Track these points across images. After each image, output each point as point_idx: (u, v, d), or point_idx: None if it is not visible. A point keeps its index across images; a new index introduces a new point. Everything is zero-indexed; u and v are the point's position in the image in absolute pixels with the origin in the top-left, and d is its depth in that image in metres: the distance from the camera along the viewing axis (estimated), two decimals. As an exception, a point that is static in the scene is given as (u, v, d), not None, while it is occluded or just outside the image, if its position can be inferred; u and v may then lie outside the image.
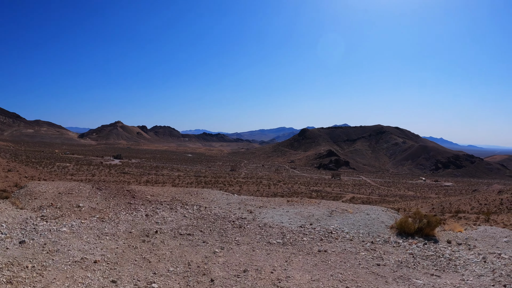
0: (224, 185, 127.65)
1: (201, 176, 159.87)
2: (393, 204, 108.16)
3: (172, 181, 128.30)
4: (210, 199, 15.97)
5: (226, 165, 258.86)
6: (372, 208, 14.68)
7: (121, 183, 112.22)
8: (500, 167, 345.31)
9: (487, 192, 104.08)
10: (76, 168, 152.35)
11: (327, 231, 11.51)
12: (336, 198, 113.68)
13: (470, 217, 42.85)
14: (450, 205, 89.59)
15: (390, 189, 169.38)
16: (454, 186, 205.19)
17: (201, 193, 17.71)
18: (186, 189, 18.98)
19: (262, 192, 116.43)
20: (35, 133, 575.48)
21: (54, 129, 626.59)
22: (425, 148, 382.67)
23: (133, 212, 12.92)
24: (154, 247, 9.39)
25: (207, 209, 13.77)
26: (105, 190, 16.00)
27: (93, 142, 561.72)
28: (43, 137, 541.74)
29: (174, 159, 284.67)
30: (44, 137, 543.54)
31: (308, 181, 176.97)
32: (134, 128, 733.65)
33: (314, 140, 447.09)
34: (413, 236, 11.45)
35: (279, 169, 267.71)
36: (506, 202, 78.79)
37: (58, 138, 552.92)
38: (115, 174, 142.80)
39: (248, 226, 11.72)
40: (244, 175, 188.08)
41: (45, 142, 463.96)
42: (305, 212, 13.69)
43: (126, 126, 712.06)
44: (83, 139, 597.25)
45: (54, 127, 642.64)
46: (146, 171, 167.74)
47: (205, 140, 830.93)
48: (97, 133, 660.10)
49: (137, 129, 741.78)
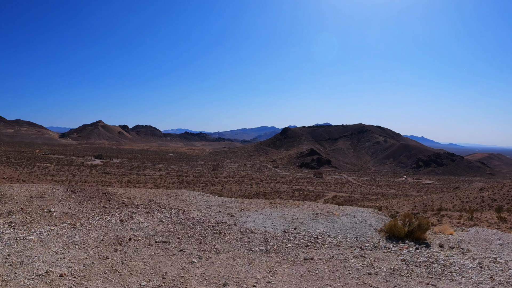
0: (206, 185, 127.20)
1: (183, 175, 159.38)
2: (375, 202, 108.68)
3: (154, 181, 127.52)
4: (190, 202, 15.22)
5: (208, 165, 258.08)
6: (358, 210, 14.10)
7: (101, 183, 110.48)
8: (481, 165, 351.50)
9: (468, 189, 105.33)
10: (56, 168, 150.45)
11: (313, 236, 10.82)
12: (318, 197, 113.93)
13: (453, 215, 42.74)
14: (432, 203, 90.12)
15: (372, 188, 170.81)
16: (435, 184, 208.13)
17: (180, 195, 16.93)
18: (165, 190, 18.17)
19: (244, 192, 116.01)
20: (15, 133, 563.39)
21: (34, 129, 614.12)
22: (406, 146, 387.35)
23: (107, 217, 12.04)
24: (126, 257, 8.56)
25: (185, 213, 12.97)
26: (80, 193, 15.08)
27: (74, 142, 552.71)
28: (23, 137, 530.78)
29: (156, 159, 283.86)
30: (25, 137, 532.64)
31: (290, 180, 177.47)
32: (115, 128, 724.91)
33: (296, 139, 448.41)
34: (403, 240, 10.87)
35: (261, 168, 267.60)
36: (487, 200, 79.57)
37: (39, 138, 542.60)
38: (96, 174, 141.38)
39: (229, 232, 10.94)
40: (226, 175, 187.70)
41: (25, 142, 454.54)
42: (289, 215, 13.02)
43: (107, 126, 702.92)
44: (64, 139, 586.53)
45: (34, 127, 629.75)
46: (127, 171, 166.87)
47: (187, 140, 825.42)
48: (78, 132, 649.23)
49: (119, 129, 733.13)
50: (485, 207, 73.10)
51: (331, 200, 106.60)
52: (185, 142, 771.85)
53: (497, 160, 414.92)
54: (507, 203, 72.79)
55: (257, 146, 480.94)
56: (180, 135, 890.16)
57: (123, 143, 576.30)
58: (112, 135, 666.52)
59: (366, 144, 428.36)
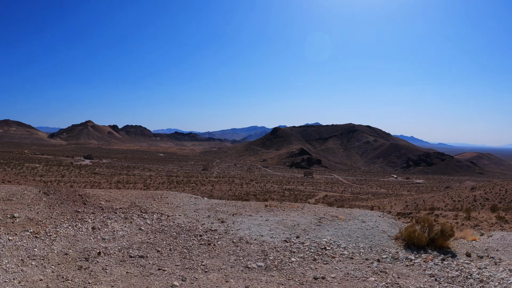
0: (196, 185, 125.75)
1: (173, 175, 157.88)
2: (366, 202, 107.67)
3: (144, 181, 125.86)
4: (175, 205, 13.60)
5: (198, 165, 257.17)
6: (366, 214, 12.52)
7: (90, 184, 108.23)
8: (470, 164, 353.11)
9: (459, 188, 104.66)
10: (45, 169, 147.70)
11: (320, 246, 9.12)
12: (309, 197, 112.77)
13: (448, 215, 41.37)
14: (424, 202, 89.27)
15: (363, 187, 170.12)
16: (425, 183, 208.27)
17: (165, 196, 15.29)
18: (149, 192, 16.47)
19: (234, 192, 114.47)
20: (4, 133, 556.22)
21: (23, 129, 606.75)
22: (396, 146, 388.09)
23: (78, 223, 10.30)
24: (91, 279, 6.80)
25: (169, 219, 11.25)
26: (53, 195, 13.37)
27: (64, 142, 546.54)
28: (12, 137, 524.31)
29: (145, 159, 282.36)
30: (13, 137, 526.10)
31: (281, 180, 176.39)
32: (105, 128, 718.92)
33: (286, 139, 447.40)
34: (425, 249, 9.28)
35: (251, 168, 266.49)
36: (479, 199, 78.79)
37: (28, 138, 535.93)
38: (86, 174, 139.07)
39: (220, 243, 9.16)
40: (216, 175, 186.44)
41: (14, 142, 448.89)
42: (289, 221, 11.37)
43: (97, 126, 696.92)
44: (53, 139, 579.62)
45: (23, 127, 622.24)
46: (117, 171, 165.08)
47: (177, 140, 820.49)
48: (67, 132, 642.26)
49: (108, 129, 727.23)
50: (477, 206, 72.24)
51: (322, 200, 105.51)
52: (175, 142, 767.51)
53: (487, 160, 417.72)
54: (499, 202, 72.10)
55: (247, 146, 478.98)
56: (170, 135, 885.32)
57: (112, 143, 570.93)
58: (101, 135, 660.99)
59: (356, 143, 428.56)
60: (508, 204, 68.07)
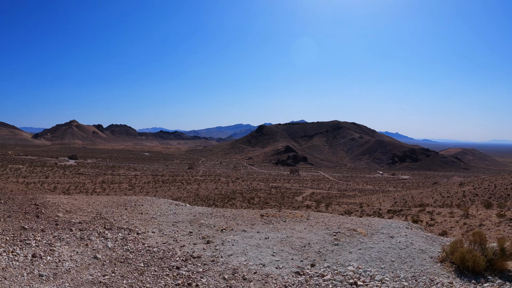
0: (182, 184, 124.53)
1: (159, 175, 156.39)
2: (353, 199, 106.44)
3: (129, 181, 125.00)
4: (151, 215, 11.06)
5: (184, 163, 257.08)
6: (390, 225, 10.11)
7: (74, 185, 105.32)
8: (455, 160, 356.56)
9: (448, 184, 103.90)
10: (29, 170, 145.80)
11: (347, 280, 6.43)
12: (296, 194, 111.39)
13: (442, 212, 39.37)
14: (413, 199, 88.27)
15: (349, 184, 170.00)
16: (411, 179, 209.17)
17: (140, 204, 12.73)
18: (122, 198, 13.79)
19: (221, 190, 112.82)
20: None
21: (7, 130, 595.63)
22: (382, 142, 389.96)
23: (16, 248, 7.60)
24: None
25: (138, 238, 8.56)
26: (2, 205, 10.70)
27: (48, 142, 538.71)
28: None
29: (131, 158, 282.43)
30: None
31: (267, 178, 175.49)
32: (89, 127, 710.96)
33: (272, 137, 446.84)
34: (483, 276, 6.76)
35: (237, 166, 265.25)
36: (468, 194, 77.79)
37: (12, 139, 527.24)
38: (70, 175, 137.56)
39: (205, 281, 6.35)
40: (202, 173, 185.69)
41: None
42: (295, 238, 8.75)
43: (81, 125, 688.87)
44: (37, 140, 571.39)
45: (7, 128, 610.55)
46: (102, 171, 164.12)
47: (162, 138, 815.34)
48: (51, 133, 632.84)
49: (93, 128, 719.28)
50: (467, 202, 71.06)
51: (309, 197, 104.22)
52: (160, 141, 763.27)
53: (471, 155, 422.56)
54: (489, 197, 71.14)
55: (232, 144, 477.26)
56: (155, 134, 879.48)
57: (97, 143, 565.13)
58: (86, 134, 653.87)
59: (341, 140, 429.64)
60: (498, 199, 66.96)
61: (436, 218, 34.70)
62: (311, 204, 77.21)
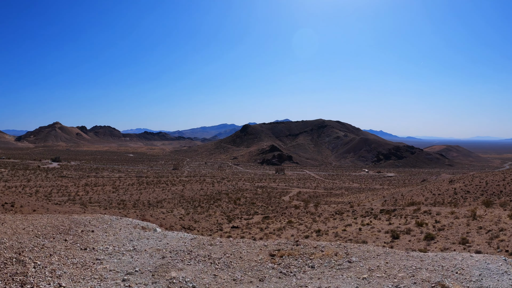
0: (167, 185, 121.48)
1: (143, 176, 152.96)
2: (341, 198, 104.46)
3: (113, 183, 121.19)
4: (95, 255, 7.82)
5: (169, 164, 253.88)
6: (488, 268, 7.21)
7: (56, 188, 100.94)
8: (440, 157, 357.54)
9: (437, 181, 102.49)
10: (11, 173, 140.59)
11: None
12: (282, 194, 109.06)
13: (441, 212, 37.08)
14: (403, 197, 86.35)
15: (335, 182, 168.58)
16: (397, 177, 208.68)
17: (91, 229, 9.65)
18: (70, 218, 10.71)
19: (206, 191, 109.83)
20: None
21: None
22: (366, 140, 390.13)
23: None
24: None
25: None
26: None
27: (31, 145, 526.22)
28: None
29: (115, 160, 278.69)
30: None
31: (253, 177, 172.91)
32: (73, 129, 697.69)
33: (257, 136, 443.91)
34: None
35: (222, 166, 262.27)
36: (460, 192, 76.04)
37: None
38: (53, 178, 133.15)
39: None
40: (187, 174, 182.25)
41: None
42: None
43: (64, 127, 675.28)
44: (20, 142, 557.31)
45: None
46: (85, 173, 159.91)
47: (147, 139, 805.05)
48: (34, 135, 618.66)
49: (77, 130, 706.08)
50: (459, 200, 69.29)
51: (296, 197, 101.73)
52: (144, 142, 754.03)
53: (455, 152, 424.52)
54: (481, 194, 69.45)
55: (217, 144, 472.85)
56: (140, 135, 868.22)
57: (81, 145, 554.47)
58: (70, 136, 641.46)
59: (326, 139, 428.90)
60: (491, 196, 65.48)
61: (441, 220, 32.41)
62: (299, 204, 74.86)
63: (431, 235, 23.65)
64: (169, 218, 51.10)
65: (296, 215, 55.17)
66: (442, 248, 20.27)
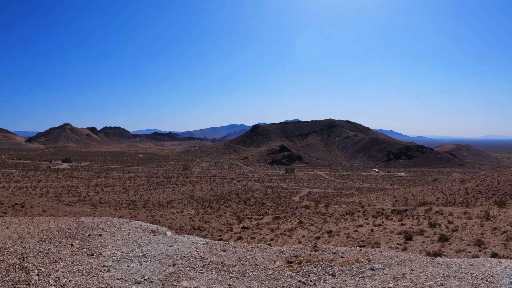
0: (177, 185, 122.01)
1: (153, 177, 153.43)
2: (352, 198, 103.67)
3: (123, 184, 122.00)
4: (103, 261, 7.49)
5: (179, 164, 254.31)
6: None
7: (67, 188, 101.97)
8: (450, 156, 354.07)
9: (449, 181, 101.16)
10: (22, 174, 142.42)
11: None
12: (292, 194, 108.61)
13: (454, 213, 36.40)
14: (413, 197, 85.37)
15: (345, 182, 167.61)
16: (407, 176, 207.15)
17: (98, 233, 9.28)
18: (77, 222, 10.30)
19: (216, 191, 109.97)
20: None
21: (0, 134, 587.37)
22: (376, 140, 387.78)
23: None
24: None
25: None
26: None
27: (42, 146, 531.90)
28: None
29: (125, 160, 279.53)
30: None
31: (262, 178, 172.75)
32: (83, 130, 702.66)
33: (266, 136, 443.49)
34: None
35: (232, 166, 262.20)
36: (471, 191, 74.97)
37: (5, 143, 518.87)
38: (63, 179, 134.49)
39: None
40: (197, 174, 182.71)
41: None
42: None
43: (75, 128, 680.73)
44: (31, 143, 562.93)
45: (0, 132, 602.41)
46: (95, 174, 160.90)
47: (157, 140, 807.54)
48: (45, 136, 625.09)
49: (87, 131, 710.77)
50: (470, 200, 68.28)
51: (306, 197, 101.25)
52: (154, 142, 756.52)
53: (466, 151, 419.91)
54: (493, 194, 68.40)
55: (227, 144, 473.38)
56: (150, 135, 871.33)
57: (91, 146, 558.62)
58: (80, 137, 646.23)
59: (336, 139, 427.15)
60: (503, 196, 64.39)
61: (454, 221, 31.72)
62: (309, 205, 74.30)
63: (445, 236, 23.09)
64: (179, 219, 50.91)
65: (306, 216, 54.65)
66: (457, 250, 19.73)
